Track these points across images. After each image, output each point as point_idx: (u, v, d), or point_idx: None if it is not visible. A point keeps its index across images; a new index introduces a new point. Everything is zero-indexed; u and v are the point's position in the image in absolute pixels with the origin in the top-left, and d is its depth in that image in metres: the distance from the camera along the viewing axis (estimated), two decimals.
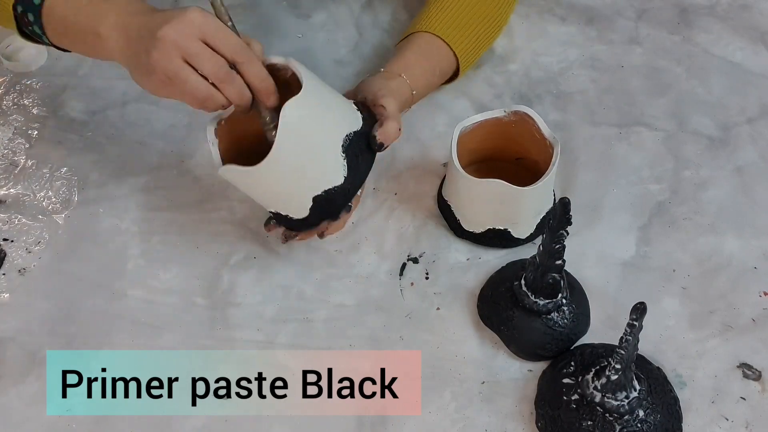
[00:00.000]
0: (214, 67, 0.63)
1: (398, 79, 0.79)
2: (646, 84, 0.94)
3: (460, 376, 0.70)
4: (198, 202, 0.83)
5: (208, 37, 0.62)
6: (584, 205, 0.81)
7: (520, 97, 0.92)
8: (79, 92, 0.94)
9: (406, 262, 0.78)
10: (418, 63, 0.82)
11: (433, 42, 0.84)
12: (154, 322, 0.74)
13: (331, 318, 0.74)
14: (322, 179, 0.67)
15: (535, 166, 0.76)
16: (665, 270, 0.77)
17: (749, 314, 0.74)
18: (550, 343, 0.70)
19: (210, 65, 0.62)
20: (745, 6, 1.04)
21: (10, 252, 0.79)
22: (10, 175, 0.86)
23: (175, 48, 0.61)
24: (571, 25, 1.01)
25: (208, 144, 0.69)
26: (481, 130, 0.77)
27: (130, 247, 0.79)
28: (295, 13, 1.03)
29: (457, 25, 0.85)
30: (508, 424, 0.67)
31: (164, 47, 0.61)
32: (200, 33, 0.62)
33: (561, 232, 0.63)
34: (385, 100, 0.72)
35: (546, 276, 0.67)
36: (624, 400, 0.62)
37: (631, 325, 0.57)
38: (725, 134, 0.89)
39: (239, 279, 0.77)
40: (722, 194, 0.83)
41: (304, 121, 0.65)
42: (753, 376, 0.70)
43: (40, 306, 0.75)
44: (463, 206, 0.77)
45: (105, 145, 0.88)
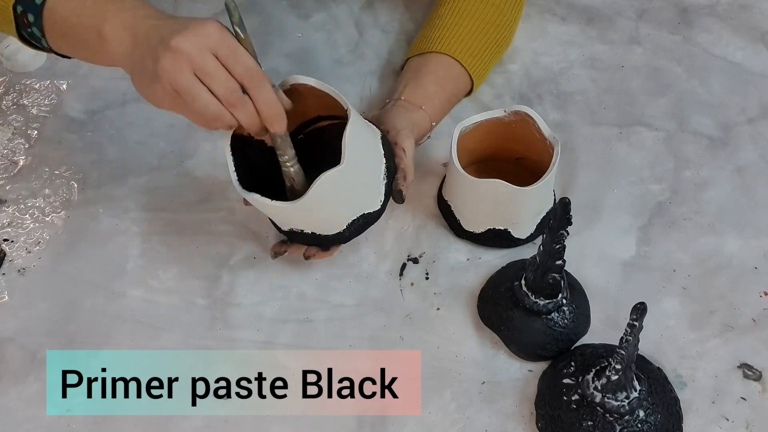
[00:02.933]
0: (227, 90, 0.60)
1: (419, 113, 0.81)
2: (647, 84, 0.94)
3: (460, 376, 0.70)
4: (198, 202, 0.83)
5: (222, 55, 0.60)
6: (584, 205, 0.81)
7: (521, 97, 0.92)
8: (79, 92, 0.94)
9: (406, 262, 0.78)
10: (437, 95, 0.83)
11: (451, 68, 0.85)
12: (154, 322, 0.74)
13: (331, 318, 0.74)
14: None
15: (535, 166, 0.76)
16: (665, 270, 0.77)
17: (749, 314, 0.74)
18: (551, 343, 0.70)
19: (223, 88, 0.60)
20: (745, 6, 1.04)
21: (10, 252, 0.79)
22: (10, 175, 0.86)
23: (188, 61, 0.59)
24: (572, 24, 1.01)
25: (225, 160, 0.67)
26: (481, 130, 0.77)
27: (130, 247, 0.79)
28: (295, 13, 1.03)
29: (473, 47, 0.86)
30: (508, 425, 0.67)
31: (176, 58, 0.59)
32: (216, 49, 0.60)
33: (561, 232, 0.63)
34: (407, 142, 0.74)
35: (546, 276, 0.67)
36: (624, 400, 0.62)
37: (631, 325, 0.57)
38: (725, 134, 0.89)
39: (239, 279, 0.77)
40: (722, 194, 0.83)
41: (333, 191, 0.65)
42: (753, 376, 0.70)
43: (40, 306, 0.75)
44: (463, 206, 0.77)
45: (105, 145, 0.88)
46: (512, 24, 0.91)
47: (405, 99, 0.81)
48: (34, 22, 0.67)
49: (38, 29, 0.67)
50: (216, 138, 0.87)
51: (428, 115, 0.81)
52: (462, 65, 0.85)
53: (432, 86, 0.83)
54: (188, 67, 0.59)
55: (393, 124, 0.76)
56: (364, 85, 0.94)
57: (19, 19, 0.68)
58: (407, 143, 0.74)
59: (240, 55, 0.61)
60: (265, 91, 0.62)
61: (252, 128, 0.63)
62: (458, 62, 0.85)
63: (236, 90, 0.61)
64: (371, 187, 0.70)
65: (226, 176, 0.67)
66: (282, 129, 0.64)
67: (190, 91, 0.59)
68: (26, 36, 0.70)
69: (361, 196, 0.70)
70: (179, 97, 0.60)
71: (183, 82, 0.59)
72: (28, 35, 0.70)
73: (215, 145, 0.87)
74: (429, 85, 0.83)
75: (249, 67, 0.61)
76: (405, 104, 0.81)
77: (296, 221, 0.70)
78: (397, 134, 0.75)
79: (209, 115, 0.61)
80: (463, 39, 0.85)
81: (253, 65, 0.62)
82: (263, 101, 0.62)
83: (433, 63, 0.85)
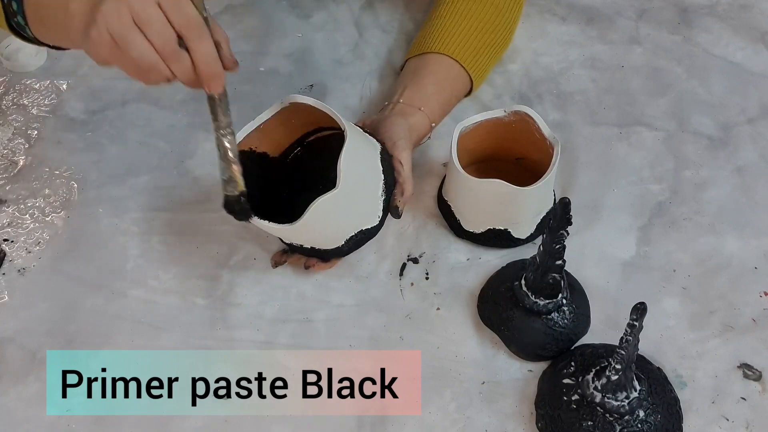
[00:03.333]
0: (162, 40, 0.57)
1: (418, 114, 0.80)
2: (647, 84, 0.94)
3: (460, 376, 0.70)
4: (198, 202, 0.83)
5: (165, 4, 0.57)
6: (584, 205, 0.81)
7: (520, 97, 0.92)
8: (79, 92, 0.94)
9: (406, 262, 0.78)
10: (436, 96, 0.83)
11: (451, 68, 0.85)
12: (154, 322, 0.74)
13: (331, 318, 0.74)
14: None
15: (535, 166, 0.76)
16: (665, 270, 0.77)
17: (749, 314, 0.74)
18: (551, 343, 0.70)
19: (159, 37, 0.57)
20: (745, 6, 1.04)
21: (10, 252, 0.79)
22: (10, 175, 0.86)
23: (127, 7, 0.56)
24: (572, 24, 1.01)
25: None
26: (481, 130, 0.77)
27: (130, 247, 0.79)
28: (295, 13, 1.03)
29: (473, 48, 0.86)
30: (508, 425, 0.67)
31: (116, 4, 0.56)
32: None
33: (561, 232, 0.63)
34: (404, 155, 0.73)
35: (546, 276, 0.67)
36: (624, 400, 0.62)
37: (631, 326, 0.57)
38: (725, 134, 0.89)
39: (239, 279, 0.77)
40: (722, 194, 0.83)
41: (330, 213, 0.65)
42: (753, 376, 0.70)
43: (40, 306, 0.75)
44: (463, 206, 0.77)
45: (105, 145, 0.88)
46: (512, 24, 0.91)
47: (404, 101, 0.81)
48: (17, 10, 0.66)
49: (22, 17, 0.66)
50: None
51: (427, 117, 0.81)
52: (461, 65, 0.85)
53: (431, 87, 0.83)
54: (127, 13, 0.56)
55: (389, 134, 0.76)
56: (364, 85, 0.94)
57: (6, 9, 0.67)
58: (404, 156, 0.74)
59: (183, 6, 0.58)
60: (204, 45, 0.59)
61: (188, 83, 0.60)
62: (457, 62, 0.85)
63: (172, 40, 0.58)
64: (369, 204, 0.70)
65: None
66: (218, 89, 0.61)
67: (126, 38, 0.57)
68: (15, 26, 0.69)
69: (358, 215, 0.70)
70: (116, 47, 0.58)
71: (120, 28, 0.56)
72: (15, 25, 0.69)
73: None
74: (428, 86, 0.83)
75: (190, 19, 0.58)
76: (403, 107, 0.81)
77: (293, 238, 0.71)
78: (394, 146, 0.74)
79: (144, 65, 0.58)
80: (462, 39, 0.85)
81: (195, 17, 0.58)
82: (201, 56, 0.59)
83: (432, 64, 0.85)
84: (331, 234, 0.69)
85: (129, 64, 0.58)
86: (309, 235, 0.69)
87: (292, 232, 0.68)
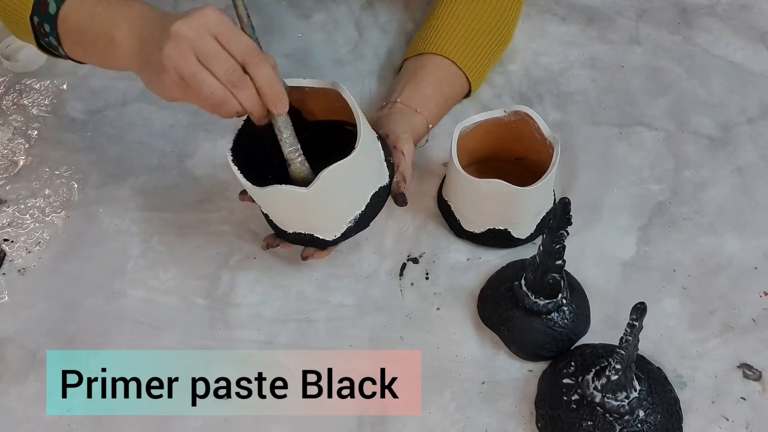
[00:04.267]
0: (227, 70, 0.60)
1: (416, 116, 0.80)
2: (647, 84, 0.94)
3: (460, 376, 0.70)
4: (198, 202, 0.83)
5: (221, 37, 0.60)
6: (584, 205, 0.81)
7: (520, 97, 0.92)
8: (79, 92, 0.94)
9: (406, 262, 0.78)
10: (433, 97, 0.83)
11: (448, 69, 0.85)
12: (154, 322, 0.74)
13: (331, 318, 0.74)
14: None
15: (535, 166, 0.76)
16: (665, 270, 0.77)
17: (749, 314, 0.74)
18: (550, 343, 0.70)
19: (224, 69, 0.60)
20: (745, 6, 1.04)
21: (10, 252, 0.79)
22: (10, 175, 0.86)
23: (190, 45, 0.59)
24: (571, 24, 1.01)
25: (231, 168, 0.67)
26: (481, 130, 0.77)
27: (130, 247, 0.79)
28: (295, 13, 1.03)
29: (470, 49, 0.86)
30: (508, 425, 0.67)
31: (178, 43, 0.59)
32: (215, 31, 0.60)
33: (561, 232, 0.63)
34: (406, 145, 0.74)
35: (546, 276, 0.67)
36: (624, 400, 0.62)
37: (631, 325, 0.57)
38: (725, 134, 0.89)
39: (239, 279, 0.77)
40: (722, 194, 0.83)
41: (341, 180, 0.65)
42: (753, 376, 0.70)
43: (40, 306, 0.75)
44: (463, 206, 0.77)
45: (105, 145, 0.88)
46: (510, 25, 0.91)
47: (402, 102, 0.81)
48: (50, 32, 0.68)
49: (54, 38, 0.69)
50: (216, 138, 0.87)
51: (425, 118, 0.81)
52: (459, 67, 0.85)
53: (429, 89, 0.83)
54: (191, 52, 0.59)
55: (392, 128, 0.76)
56: (364, 85, 0.94)
57: (36, 29, 0.70)
58: (407, 147, 0.74)
59: (238, 36, 0.61)
60: (264, 68, 0.62)
61: (255, 111, 0.63)
62: (455, 64, 0.85)
63: (236, 69, 0.61)
64: (374, 173, 0.69)
65: (226, 176, 0.67)
66: (284, 110, 0.64)
67: (196, 77, 0.60)
68: (45, 45, 0.71)
69: (365, 188, 0.69)
70: (187, 86, 0.61)
71: (188, 68, 0.60)
72: (46, 44, 0.71)
73: (215, 145, 0.87)
74: (426, 87, 0.83)
75: (247, 46, 0.61)
76: (402, 107, 0.81)
77: (298, 215, 0.70)
78: (397, 138, 0.74)
79: (217, 100, 0.61)
80: (460, 40, 0.85)
81: (251, 43, 0.62)
82: (263, 79, 0.62)
83: (430, 65, 0.85)
84: (337, 210, 0.69)
85: (202, 101, 0.61)
86: (316, 208, 0.68)
87: (306, 198, 0.66)
